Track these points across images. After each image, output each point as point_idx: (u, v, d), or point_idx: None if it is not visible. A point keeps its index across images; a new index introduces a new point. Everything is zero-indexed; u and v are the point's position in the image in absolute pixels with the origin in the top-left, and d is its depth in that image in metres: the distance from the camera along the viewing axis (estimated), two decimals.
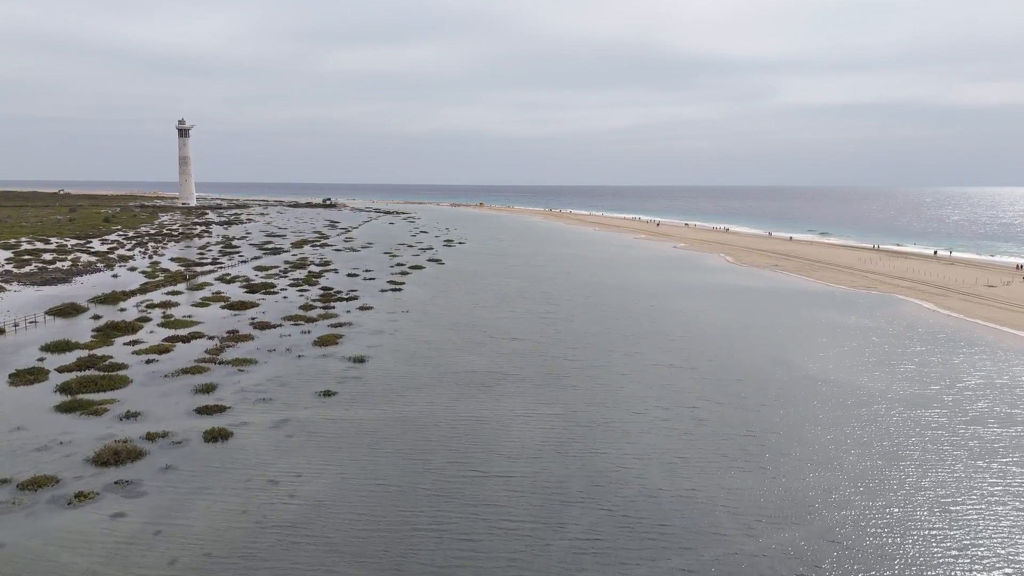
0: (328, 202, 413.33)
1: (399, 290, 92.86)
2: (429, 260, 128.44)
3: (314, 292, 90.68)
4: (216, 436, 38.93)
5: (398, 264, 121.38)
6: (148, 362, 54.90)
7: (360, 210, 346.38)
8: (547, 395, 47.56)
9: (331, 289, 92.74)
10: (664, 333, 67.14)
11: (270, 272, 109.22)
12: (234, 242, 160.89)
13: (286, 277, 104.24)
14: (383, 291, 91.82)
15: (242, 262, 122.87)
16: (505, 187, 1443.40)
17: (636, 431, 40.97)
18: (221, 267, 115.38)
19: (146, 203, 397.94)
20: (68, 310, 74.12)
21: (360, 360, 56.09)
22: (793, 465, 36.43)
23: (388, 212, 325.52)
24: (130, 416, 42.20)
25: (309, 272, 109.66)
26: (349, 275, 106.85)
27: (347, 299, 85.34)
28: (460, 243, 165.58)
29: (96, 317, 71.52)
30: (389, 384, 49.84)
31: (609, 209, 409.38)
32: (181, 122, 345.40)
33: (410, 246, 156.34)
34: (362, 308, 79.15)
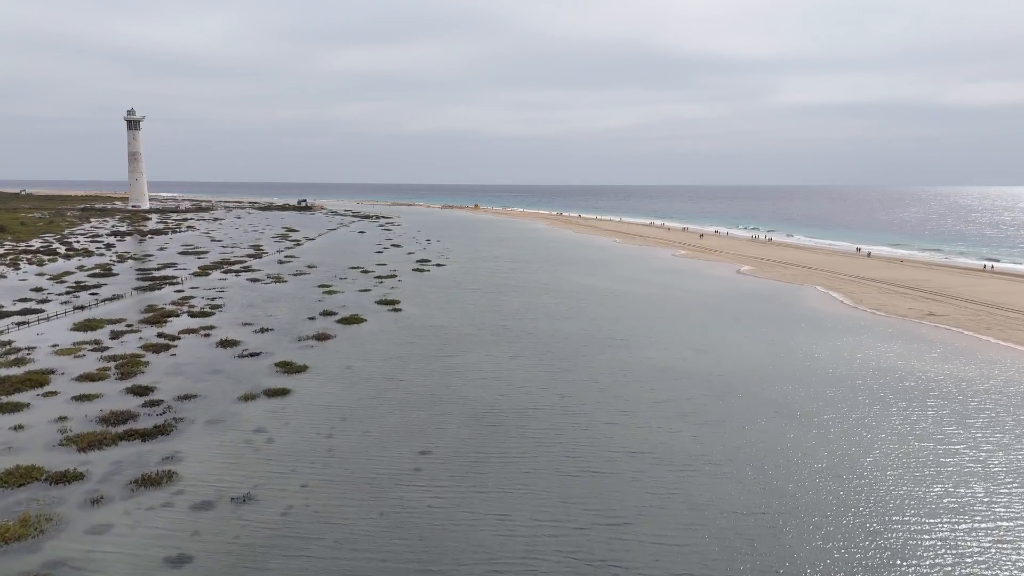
0: (303, 203, 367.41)
1: (283, 393, 46.63)
2: (380, 301, 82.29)
3: (104, 403, 44.49)
4: None
5: (325, 312, 75.19)
6: None
7: (336, 213, 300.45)
8: None
9: (148, 393, 46.56)
10: None
11: (86, 337, 62.98)
12: (118, 266, 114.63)
13: (106, 349, 58.13)
14: (250, 398, 45.58)
15: (79, 308, 76.68)
16: (503, 187, 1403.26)
17: None
18: (30, 322, 69.22)
19: (99, 204, 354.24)
20: None
21: None
22: None
23: (367, 216, 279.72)
24: None
25: (157, 336, 63.44)
26: (222, 343, 60.61)
27: (145, 435, 39.08)
28: (438, 265, 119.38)
29: None
30: None
31: (615, 211, 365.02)
32: (130, 112, 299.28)
33: (365, 271, 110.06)
34: (138, 483, 32.96)
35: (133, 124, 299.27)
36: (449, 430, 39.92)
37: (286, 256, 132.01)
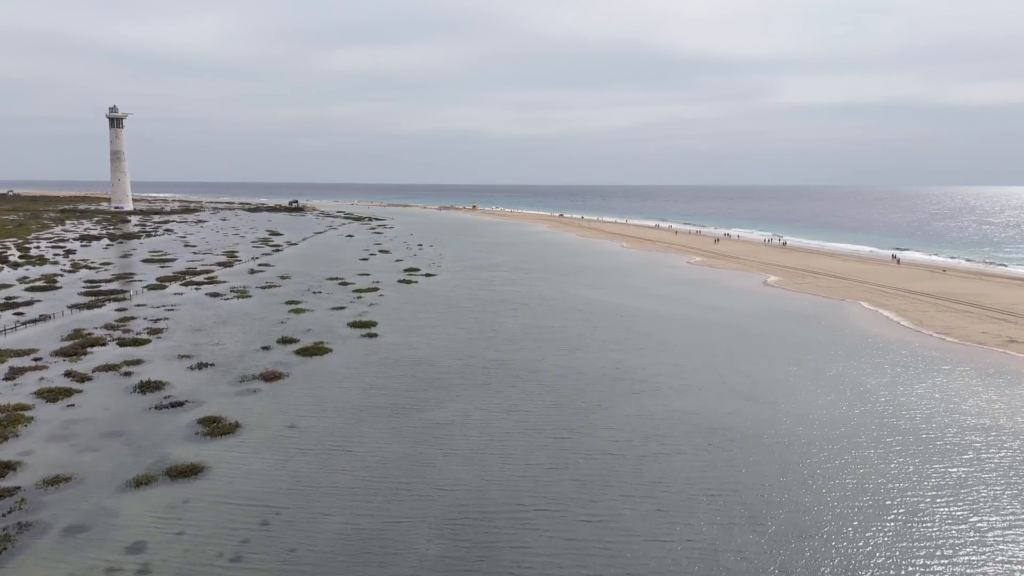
0: (294, 204, 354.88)
1: (193, 473, 33.70)
2: (353, 323, 69.45)
3: None
4: None
5: (284, 339, 62.21)
6: None
7: (328, 215, 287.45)
8: None
9: (6, 473, 33.67)
10: None
11: None
12: (67, 277, 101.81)
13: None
14: (143, 483, 32.53)
15: None
16: (503, 187, 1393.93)
17: None
18: None
19: (83, 205, 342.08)
20: None
21: None
22: None
23: (359, 218, 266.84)
24: None
25: (64, 375, 50.54)
26: (142, 387, 47.71)
27: None
28: (428, 275, 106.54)
29: None
30: None
31: (616, 212, 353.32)
32: (113, 109, 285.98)
33: (344, 283, 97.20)
34: None
35: (115, 122, 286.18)
36: (412, 551, 27.01)
37: (260, 264, 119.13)
